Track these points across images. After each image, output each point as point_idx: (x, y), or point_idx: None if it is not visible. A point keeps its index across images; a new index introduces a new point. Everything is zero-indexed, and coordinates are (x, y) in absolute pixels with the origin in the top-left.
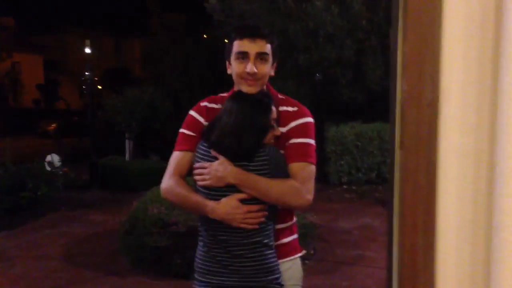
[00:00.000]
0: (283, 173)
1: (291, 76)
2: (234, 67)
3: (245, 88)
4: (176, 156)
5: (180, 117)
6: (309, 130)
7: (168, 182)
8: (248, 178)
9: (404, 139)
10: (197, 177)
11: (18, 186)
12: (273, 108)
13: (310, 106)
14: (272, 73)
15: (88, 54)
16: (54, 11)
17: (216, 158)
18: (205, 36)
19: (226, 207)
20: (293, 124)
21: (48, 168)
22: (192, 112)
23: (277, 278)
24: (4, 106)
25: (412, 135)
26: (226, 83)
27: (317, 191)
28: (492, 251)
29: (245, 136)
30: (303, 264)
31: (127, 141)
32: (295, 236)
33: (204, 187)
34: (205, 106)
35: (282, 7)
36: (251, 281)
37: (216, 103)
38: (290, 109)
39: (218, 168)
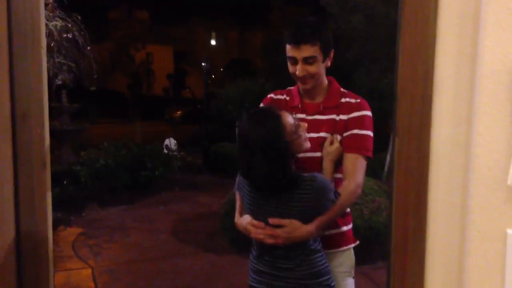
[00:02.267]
0: (328, 200)
1: None
2: (288, 66)
3: (301, 86)
4: None
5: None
6: (368, 122)
7: None
8: (320, 227)
9: (399, 128)
10: (256, 235)
11: (138, 166)
12: (284, 114)
13: None
14: (329, 64)
15: (213, 45)
16: (184, 4)
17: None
18: None
19: (240, 226)
20: (354, 114)
21: (165, 151)
22: (261, 105)
23: (327, 279)
24: (139, 94)
25: (405, 125)
26: (336, 74)
27: None
28: (466, 237)
29: (268, 164)
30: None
31: (237, 129)
32: (348, 226)
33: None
34: (271, 98)
35: None
36: (301, 284)
37: (282, 95)
38: (352, 100)
39: (290, 235)
